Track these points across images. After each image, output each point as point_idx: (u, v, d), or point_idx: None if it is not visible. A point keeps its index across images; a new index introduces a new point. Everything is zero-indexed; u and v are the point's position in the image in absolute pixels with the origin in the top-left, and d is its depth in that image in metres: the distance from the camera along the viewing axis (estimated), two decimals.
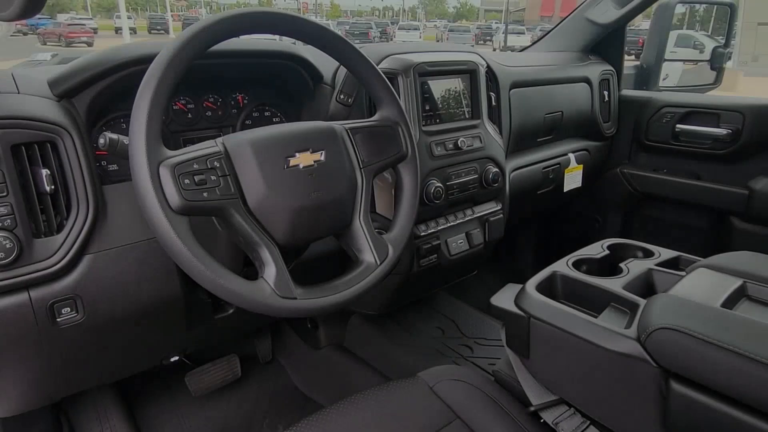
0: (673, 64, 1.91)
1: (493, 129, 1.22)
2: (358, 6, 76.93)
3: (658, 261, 0.88)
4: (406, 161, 0.84)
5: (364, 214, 0.77)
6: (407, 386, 0.86)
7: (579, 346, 0.72)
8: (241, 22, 0.67)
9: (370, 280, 0.75)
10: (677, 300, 0.71)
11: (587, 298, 0.81)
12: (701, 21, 3.06)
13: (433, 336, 1.38)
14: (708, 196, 1.49)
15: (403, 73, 1.04)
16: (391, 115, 0.84)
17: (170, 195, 0.60)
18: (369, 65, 0.81)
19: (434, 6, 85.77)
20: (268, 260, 0.66)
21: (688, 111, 1.51)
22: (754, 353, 0.58)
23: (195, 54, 0.64)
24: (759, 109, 1.38)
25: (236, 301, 0.64)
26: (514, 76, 1.32)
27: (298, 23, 0.73)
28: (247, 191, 0.66)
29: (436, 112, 1.11)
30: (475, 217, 1.20)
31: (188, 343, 1.10)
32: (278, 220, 0.67)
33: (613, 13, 1.55)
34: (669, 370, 0.64)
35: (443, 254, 1.14)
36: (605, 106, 1.62)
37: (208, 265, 0.61)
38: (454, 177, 1.11)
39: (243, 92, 1.04)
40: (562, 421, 0.79)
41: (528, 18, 47.72)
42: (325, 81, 1.03)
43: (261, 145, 0.68)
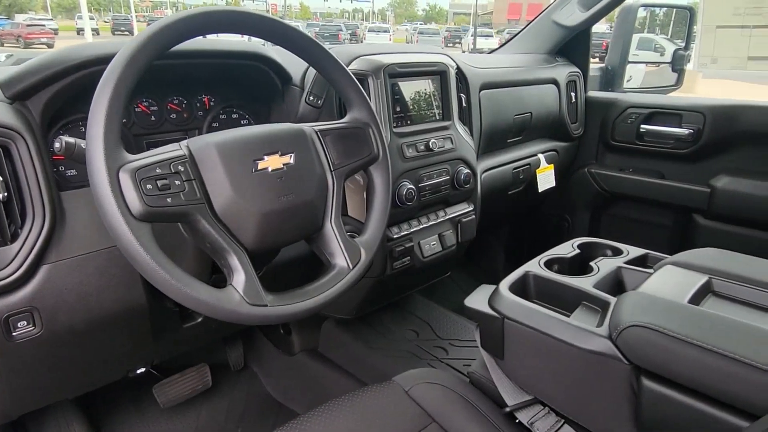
0: (637, 66, 1.96)
1: (464, 130, 1.23)
2: (327, 8, 76.61)
3: (626, 259, 0.90)
4: (378, 163, 0.84)
5: (335, 217, 0.76)
6: (382, 391, 0.85)
7: (552, 346, 0.73)
8: (205, 20, 0.65)
9: (343, 284, 0.74)
10: (646, 297, 0.72)
11: (559, 297, 0.81)
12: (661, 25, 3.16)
13: (407, 339, 1.37)
14: (672, 194, 1.53)
15: (374, 75, 1.03)
16: (362, 116, 0.83)
17: (131, 201, 0.57)
18: (339, 66, 0.80)
19: (403, 9, 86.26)
20: (236, 267, 0.64)
21: (652, 112, 1.55)
22: (722, 348, 0.59)
23: (156, 53, 0.62)
24: (719, 110, 1.43)
25: (203, 310, 0.61)
26: (484, 78, 1.33)
27: (266, 23, 0.71)
28: (213, 196, 0.64)
29: (407, 113, 1.10)
30: (448, 219, 1.20)
31: (155, 353, 1.06)
32: (246, 226, 0.66)
33: (579, 15, 1.58)
34: (640, 366, 0.65)
35: (416, 256, 1.14)
36: (572, 107, 1.65)
37: (172, 273, 0.58)
38: (426, 178, 1.11)
39: (209, 94, 1.01)
40: (537, 420, 0.79)
41: (495, 21, 48.51)
42: (294, 82, 1.01)
43: (227, 148, 0.66)
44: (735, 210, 1.41)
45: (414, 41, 25.39)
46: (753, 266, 0.80)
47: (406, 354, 1.31)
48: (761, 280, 0.75)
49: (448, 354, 1.31)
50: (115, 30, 28.44)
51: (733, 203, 1.41)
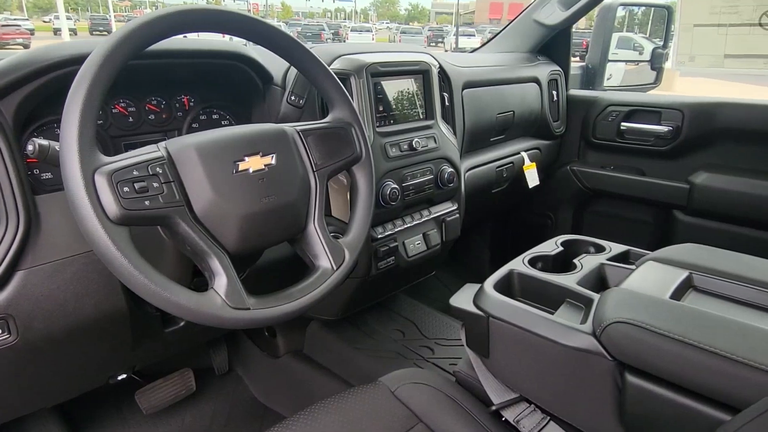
0: (616, 64, 1.98)
1: (447, 129, 1.23)
2: (309, 8, 76.28)
3: (609, 256, 0.90)
4: (361, 163, 0.83)
5: (318, 218, 0.75)
6: (368, 392, 0.84)
7: (537, 343, 0.73)
8: (182, 19, 0.64)
9: (327, 286, 0.73)
10: (629, 294, 0.72)
11: (544, 294, 0.82)
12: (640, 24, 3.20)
13: (393, 339, 1.37)
14: (652, 191, 1.55)
15: (356, 74, 1.02)
16: (344, 116, 0.82)
17: (107, 204, 0.56)
18: (320, 65, 0.79)
19: (386, 8, 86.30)
20: (218, 270, 0.63)
21: (632, 109, 1.57)
22: (703, 343, 0.60)
23: (132, 53, 0.61)
24: (696, 107, 1.45)
25: (185, 314, 0.60)
26: (466, 77, 1.33)
27: (245, 22, 0.70)
28: (193, 198, 0.63)
29: (390, 112, 1.10)
30: (432, 218, 1.20)
31: (137, 359, 1.04)
32: (228, 228, 0.65)
33: (559, 14, 1.59)
34: (624, 362, 0.66)
35: (401, 256, 1.14)
36: (554, 106, 1.66)
37: (151, 277, 0.57)
38: (410, 178, 1.10)
39: (189, 94, 0.99)
40: (523, 418, 0.79)
41: (477, 20, 48.79)
42: (275, 82, 1.00)
43: (207, 149, 0.65)
44: (713, 206, 1.43)
45: (397, 41, 25.43)
46: (731, 261, 0.81)
47: (392, 354, 1.30)
48: (740, 274, 0.76)
49: (434, 353, 1.31)
50: (93, 30, 27.94)
51: (711, 199, 1.43)
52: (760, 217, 1.36)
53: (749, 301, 0.73)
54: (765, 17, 1.17)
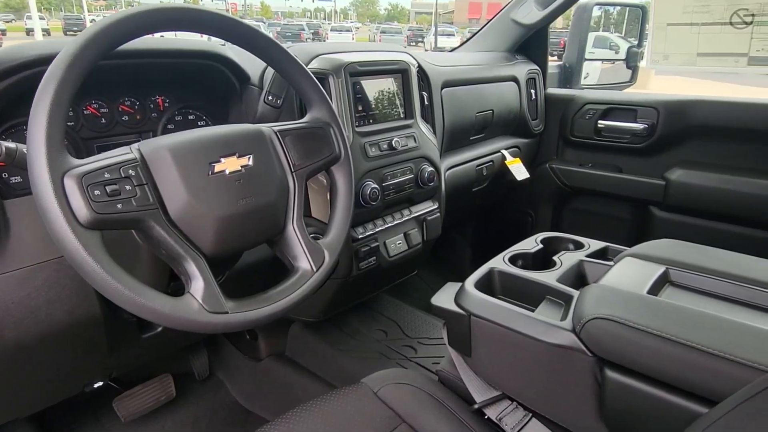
0: (593, 63, 2.01)
1: (427, 128, 1.23)
2: (288, 7, 75.78)
3: (588, 252, 0.91)
4: (340, 163, 0.82)
5: (297, 219, 0.74)
6: (351, 393, 0.84)
7: (518, 341, 0.73)
8: (153, 18, 0.62)
9: (307, 287, 0.72)
10: (607, 290, 0.73)
11: (524, 292, 0.82)
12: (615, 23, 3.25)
13: (376, 339, 1.36)
14: (629, 187, 1.57)
15: (334, 74, 1.02)
16: (322, 116, 0.81)
17: (78, 208, 0.54)
18: (297, 65, 0.78)
19: (365, 8, 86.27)
20: (194, 273, 0.62)
21: (609, 107, 1.59)
22: (680, 337, 0.60)
23: (102, 52, 0.59)
24: (671, 105, 1.48)
25: (160, 320, 0.59)
26: (445, 76, 1.33)
27: (219, 21, 0.69)
28: (168, 201, 0.62)
29: (369, 112, 1.10)
30: (413, 217, 1.20)
31: (113, 366, 1.02)
32: (204, 231, 0.63)
33: (536, 14, 1.60)
34: (603, 358, 0.66)
35: (382, 256, 1.13)
36: (533, 104, 1.67)
37: (125, 283, 0.56)
38: (390, 177, 1.10)
39: (164, 94, 0.97)
40: (506, 416, 0.80)
41: (457, 20, 49.07)
42: (252, 82, 0.98)
43: (182, 151, 0.63)
44: (688, 201, 1.46)
45: (377, 40, 25.44)
46: (707, 256, 0.82)
47: (375, 354, 1.30)
48: (715, 269, 0.77)
49: (417, 353, 1.31)
50: (67, 30, 27.32)
51: (686, 195, 1.46)
52: (733, 212, 1.39)
53: (724, 295, 0.75)
54: (736, 16, 1.20)
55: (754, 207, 1.35)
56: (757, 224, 1.37)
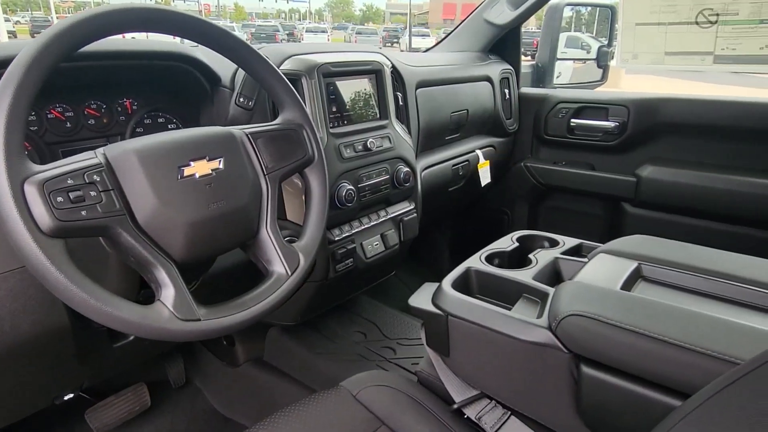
0: (565, 62, 2.03)
1: (402, 129, 1.23)
2: (263, 8, 75.03)
3: (562, 250, 0.92)
4: (313, 165, 0.81)
5: (271, 222, 0.73)
6: (330, 397, 0.83)
7: (495, 340, 0.73)
8: (115, 19, 0.60)
9: (282, 292, 0.71)
10: (582, 286, 0.74)
11: (501, 291, 0.82)
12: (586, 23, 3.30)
13: (355, 341, 1.36)
14: (602, 184, 1.60)
15: (307, 75, 1.01)
16: (295, 117, 0.80)
17: (39, 216, 0.52)
18: (267, 66, 0.77)
19: (340, 9, 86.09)
20: (164, 281, 0.60)
21: (581, 106, 1.61)
22: (653, 332, 0.61)
23: (62, 55, 0.57)
24: (641, 103, 1.50)
25: (129, 329, 0.57)
26: (420, 76, 1.33)
27: (185, 21, 0.67)
28: (135, 206, 0.60)
29: (344, 113, 1.09)
30: (389, 218, 1.19)
31: (84, 377, 0.99)
32: (174, 236, 0.62)
33: (509, 14, 1.62)
34: (579, 354, 0.67)
35: (359, 257, 1.12)
36: (507, 104, 1.69)
37: (91, 292, 0.54)
38: (366, 178, 1.09)
39: (131, 97, 0.95)
40: (485, 414, 0.80)
41: (431, 21, 49.34)
42: (223, 84, 0.97)
43: (149, 155, 0.62)
44: (659, 197, 1.49)
45: (353, 41, 25.40)
46: (676, 251, 0.84)
47: (354, 357, 1.29)
48: (685, 263, 0.79)
49: (396, 354, 1.31)
50: (34, 32, 26.51)
51: (656, 191, 1.49)
52: (701, 207, 1.42)
53: (695, 288, 0.76)
54: (701, 16, 1.23)
55: (721, 202, 1.38)
56: (724, 219, 1.41)
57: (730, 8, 1.31)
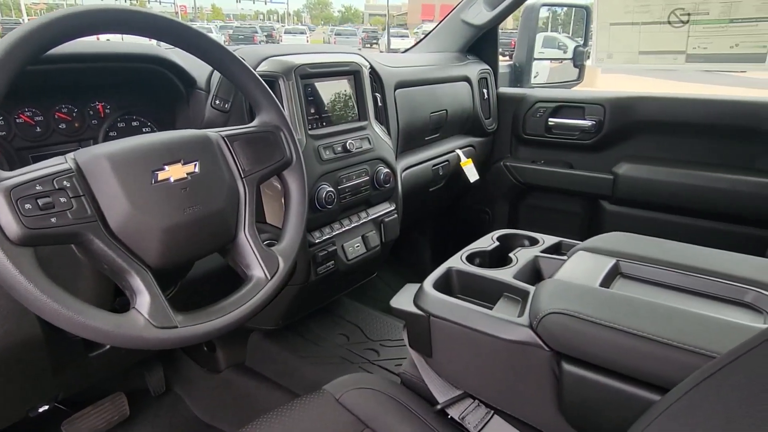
0: (542, 62, 2.06)
1: (381, 130, 1.22)
2: (240, 10, 74.35)
3: (542, 248, 0.93)
4: (291, 167, 0.80)
5: (249, 226, 0.72)
6: (313, 401, 0.82)
7: (477, 339, 0.74)
8: (83, 21, 0.58)
9: (261, 296, 0.70)
10: (562, 284, 0.74)
11: (482, 290, 0.82)
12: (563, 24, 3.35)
13: (338, 344, 1.35)
14: (580, 182, 1.62)
15: (284, 76, 1.00)
16: (272, 119, 0.79)
17: (6, 224, 0.50)
18: (242, 67, 0.76)
19: (319, 10, 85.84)
20: (139, 288, 0.59)
21: (558, 105, 1.63)
22: (632, 328, 0.62)
23: (29, 57, 0.55)
24: (617, 102, 1.53)
25: (104, 339, 0.56)
26: (398, 77, 1.33)
27: (157, 23, 0.66)
28: (107, 212, 0.58)
29: (323, 114, 1.08)
30: (370, 219, 1.19)
31: (59, 388, 0.96)
32: (148, 242, 0.60)
33: (486, 14, 1.63)
34: (560, 352, 0.67)
35: (340, 260, 1.12)
36: (485, 104, 1.70)
37: (62, 301, 0.52)
38: (346, 180, 1.09)
39: (104, 100, 0.93)
40: (468, 414, 0.80)
41: (410, 22, 49.50)
42: (199, 86, 0.95)
43: (121, 159, 0.60)
44: (635, 194, 1.51)
45: (332, 42, 25.34)
46: (654, 247, 0.85)
47: (337, 360, 1.28)
48: (662, 259, 0.80)
49: (380, 355, 1.30)
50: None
51: (633, 188, 1.51)
52: (677, 203, 1.45)
53: (672, 284, 0.77)
54: (673, 15, 1.26)
55: (696, 198, 1.41)
56: (699, 214, 1.44)
57: (701, 8, 1.34)
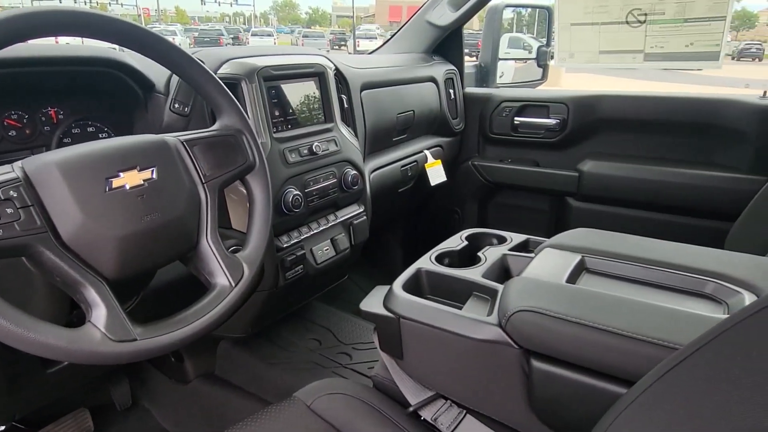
0: (507, 62, 2.08)
1: (348, 131, 1.21)
2: (206, 12, 73.04)
3: (510, 246, 0.93)
4: (255, 171, 0.79)
5: (211, 233, 0.70)
6: (284, 409, 0.80)
7: (447, 340, 0.73)
8: (24, 24, 0.56)
9: (226, 304, 0.68)
10: (529, 282, 0.75)
11: (452, 290, 0.82)
12: (527, 25, 3.41)
13: (310, 349, 1.33)
14: (547, 180, 1.64)
15: (247, 78, 0.98)
16: (233, 123, 0.77)
17: None
18: (200, 69, 0.74)
19: (286, 12, 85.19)
20: (95, 300, 0.56)
21: (523, 104, 1.65)
22: (597, 323, 0.63)
23: None
24: (579, 100, 1.56)
25: (58, 355, 0.53)
26: (364, 78, 1.33)
27: (106, 24, 0.63)
28: (58, 223, 0.56)
29: (287, 117, 1.06)
30: (339, 222, 1.18)
31: (15, 407, 0.92)
32: (103, 253, 0.58)
33: (450, 15, 1.63)
34: (529, 349, 0.68)
35: (309, 263, 1.10)
36: (452, 104, 1.71)
37: (11, 318, 0.50)
38: (313, 183, 1.07)
39: (57, 105, 0.89)
40: (441, 415, 0.79)
41: (378, 23, 49.60)
42: (157, 89, 0.92)
43: (72, 167, 0.58)
44: (600, 190, 1.55)
45: (300, 45, 25.18)
46: (617, 242, 0.87)
47: (309, 365, 1.27)
48: (626, 254, 0.81)
49: (353, 359, 1.29)
50: None
51: (597, 185, 1.54)
52: (639, 198, 1.49)
53: (635, 277, 0.79)
54: (631, 16, 1.31)
55: (657, 192, 1.45)
56: (661, 208, 1.48)
57: (657, 8, 1.38)
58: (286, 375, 1.23)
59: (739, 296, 0.69)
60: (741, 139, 1.35)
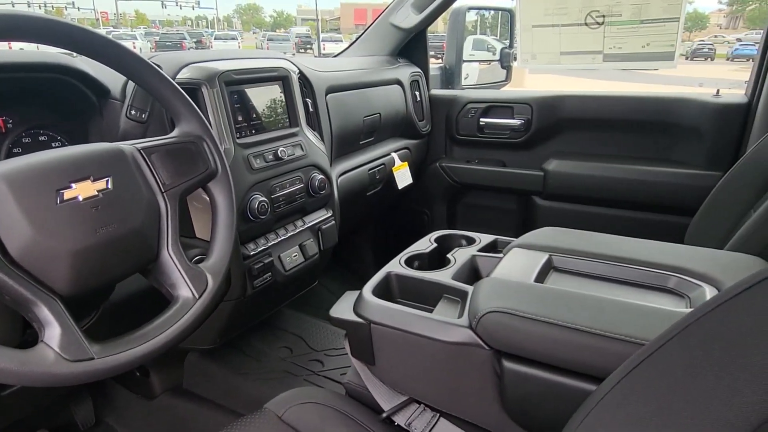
0: (472, 64, 2.10)
1: (314, 135, 1.20)
2: (167, 16, 71.42)
3: (479, 247, 0.94)
4: (217, 179, 0.76)
5: (172, 243, 0.67)
6: (254, 421, 0.78)
7: (418, 343, 0.73)
8: None
9: (189, 317, 0.66)
10: (498, 282, 0.75)
11: (422, 293, 0.82)
12: (491, 27, 3.45)
13: (281, 357, 1.31)
14: (513, 180, 1.66)
15: (207, 83, 0.95)
16: (192, 129, 0.75)
17: None
18: (156, 74, 0.71)
19: (250, 15, 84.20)
20: (47, 319, 0.53)
21: (489, 106, 1.67)
22: (565, 321, 0.63)
23: None
24: (542, 100, 1.58)
25: (7, 379, 0.50)
26: (329, 81, 1.31)
27: (50, 27, 0.59)
28: (6, 238, 0.53)
29: (251, 122, 1.04)
30: (307, 227, 1.16)
31: None
32: (56, 268, 0.55)
33: (414, 18, 1.64)
34: (500, 350, 0.68)
35: (278, 270, 1.08)
36: (418, 106, 1.71)
37: None
38: (279, 189, 1.05)
39: (5, 114, 0.85)
40: (414, 420, 0.79)
41: (343, 26, 49.58)
42: (113, 95, 0.89)
43: (19, 179, 0.54)
44: (564, 189, 1.57)
45: (265, 48, 24.91)
46: (583, 240, 0.88)
47: (280, 374, 1.24)
48: (591, 251, 0.83)
49: (325, 366, 1.27)
50: None
51: (562, 183, 1.57)
52: (603, 195, 1.52)
53: (601, 275, 0.80)
54: (589, 17, 1.34)
55: (620, 190, 1.49)
56: (624, 205, 1.51)
57: (614, 10, 1.41)
58: (258, 385, 1.20)
59: (701, 290, 0.71)
60: (697, 136, 1.40)
